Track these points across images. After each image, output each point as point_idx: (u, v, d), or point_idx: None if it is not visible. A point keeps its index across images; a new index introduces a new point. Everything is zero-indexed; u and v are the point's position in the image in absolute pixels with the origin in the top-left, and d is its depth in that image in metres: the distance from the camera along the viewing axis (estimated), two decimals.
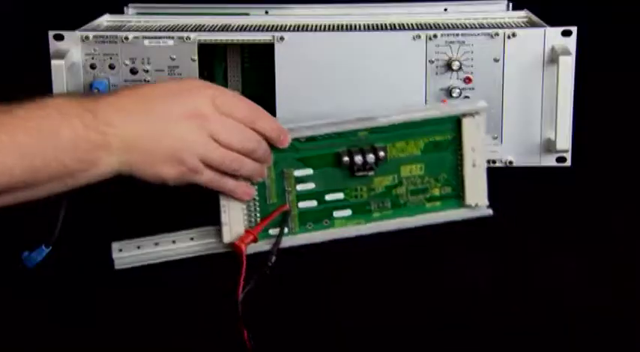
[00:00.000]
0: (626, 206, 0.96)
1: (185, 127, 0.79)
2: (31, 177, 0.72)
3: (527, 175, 1.01)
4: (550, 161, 1.02)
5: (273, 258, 0.83)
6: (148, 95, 0.79)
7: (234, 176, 0.83)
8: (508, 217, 0.93)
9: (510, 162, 1.02)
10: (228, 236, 0.86)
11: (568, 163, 1.02)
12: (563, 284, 0.80)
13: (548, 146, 1.02)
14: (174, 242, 0.86)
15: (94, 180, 0.76)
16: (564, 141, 0.99)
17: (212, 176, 0.82)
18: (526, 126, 1.02)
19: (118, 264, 0.85)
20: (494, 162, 1.02)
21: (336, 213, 0.89)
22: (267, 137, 0.84)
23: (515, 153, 1.02)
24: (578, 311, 0.76)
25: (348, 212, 0.89)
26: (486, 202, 0.92)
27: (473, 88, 1.01)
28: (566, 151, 1.01)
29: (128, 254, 0.85)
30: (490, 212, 0.91)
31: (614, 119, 1.17)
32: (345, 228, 0.89)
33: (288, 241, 0.87)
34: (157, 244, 0.86)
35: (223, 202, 0.85)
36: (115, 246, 0.85)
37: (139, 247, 0.86)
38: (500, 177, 1.01)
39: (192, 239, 0.87)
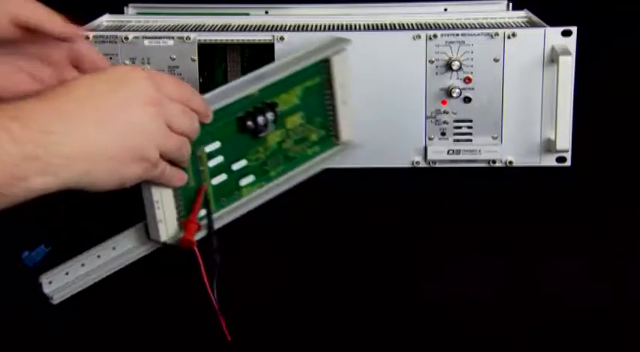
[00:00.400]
0: (626, 206, 0.96)
1: (143, 117, 0.70)
2: None
3: (527, 175, 1.01)
4: (550, 161, 1.02)
5: (215, 241, 0.78)
6: (85, 90, 0.68)
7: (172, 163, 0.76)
8: (508, 217, 0.93)
9: (510, 162, 1.02)
10: (165, 233, 0.79)
11: (568, 163, 1.02)
12: (563, 284, 0.80)
13: (548, 146, 1.02)
14: (98, 257, 0.80)
15: (25, 197, 0.64)
16: (564, 141, 1.00)
17: (164, 167, 0.74)
18: (526, 126, 1.02)
19: (57, 298, 0.77)
20: (494, 162, 1.03)
21: (242, 181, 0.86)
22: (199, 113, 0.77)
23: (515, 153, 1.02)
24: (578, 310, 0.76)
25: (251, 178, 0.86)
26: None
27: (473, 88, 1.01)
28: (566, 151, 1.01)
29: (60, 284, 0.78)
30: (354, 142, 0.94)
31: (614, 119, 1.17)
32: (252, 194, 0.86)
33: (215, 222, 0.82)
34: (83, 265, 0.79)
35: (156, 197, 0.78)
36: (44, 279, 0.78)
37: (67, 273, 0.79)
38: (500, 177, 1.01)
39: (114, 248, 0.80)
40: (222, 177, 0.84)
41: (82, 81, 0.69)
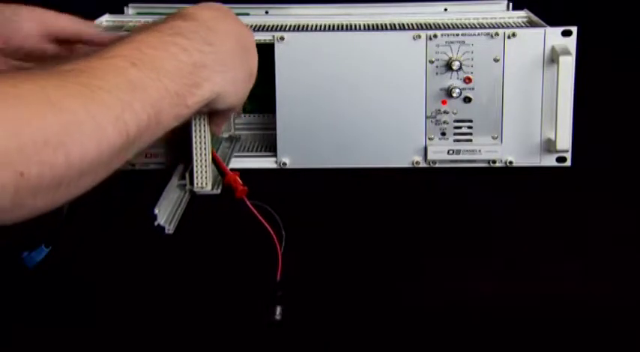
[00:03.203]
0: (626, 206, 0.96)
1: (252, 40, 0.81)
2: (153, 112, 0.64)
3: (527, 175, 1.01)
4: (550, 161, 1.02)
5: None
6: (217, 12, 0.77)
7: None
8: (508, 217, 0.93)
9: (510, 162, 1.02)
10: (210, 181, 0.86)
11: (568, 163, 1.02)
12: (564, 284, 0.80)
13: (548, 146, 1.02)
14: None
15: (197, 107, 0.71)
16: (564, 141, 1.00)
17: None
18: (526, 126, 1.02)
19: (172, 229, 0.81)
20: (494, 162, 1.02)
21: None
22: None
23: (515, 153, 1.02)
24: (578, 310, 0.76)
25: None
26: None
27: (473, 88, 1.01)
28: (566, 151, 1.01)
29: (167, 212, 0.81)
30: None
31: (614, 119, 1.17)
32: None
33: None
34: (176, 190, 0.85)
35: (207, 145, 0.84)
36: (156, 210, 0.78)
37: (167, 202, 0.82)
38: (500, 176, 1.01)
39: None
40: None
41: (196, 8, 0.76)
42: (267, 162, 1.04)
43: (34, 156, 0.55)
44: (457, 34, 1.01)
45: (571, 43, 1.00)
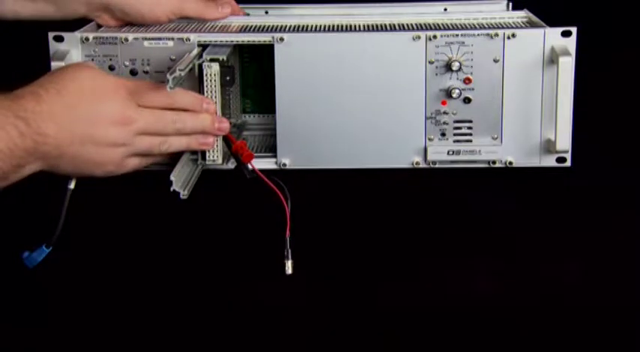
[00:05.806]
0: (626, 206, 0.96)
1: (113, 133, 0.85)
2: None
3: (527, 176, 1.01)
4: (550, 161, 1.03)
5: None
6: (74, 100, 0.82)
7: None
8: (508, 218, 0.93)
9: (510, 163, 1.02)
10: (220, 155, 0.98)
11: (568, 163, 1.02)
12: (563, 284, 0.81)
13: (548, 146, 1.02)
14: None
15: (17, 181, 0.79)
16: (564, 141, 1.00)
17: (139, 161, 0.89)
18: (526, 126, 1.02)
19: (186, 194, 0.91)
20: (494, 162, 1.03)
21: None
22: (189, 108, 0.92)
23: (515, 153, 1.02)
24: (578, 311, 0.76)
25: None
26: None
27: (473, 89, 1.01)
28: (566, 151, 1.01)
29: (181, 180, 0.92)
30: None
31: (614, 119, 1.17)
32: None
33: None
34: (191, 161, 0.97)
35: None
36: (172, 177, 0.89)
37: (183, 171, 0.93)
38: (500, 177, 1.01)
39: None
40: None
41: (74, 83, 0.83)
42: (267, 163, 1.04)
43: None
44: (457, 35, 1.01)
45: (571, 43, 1.00)
